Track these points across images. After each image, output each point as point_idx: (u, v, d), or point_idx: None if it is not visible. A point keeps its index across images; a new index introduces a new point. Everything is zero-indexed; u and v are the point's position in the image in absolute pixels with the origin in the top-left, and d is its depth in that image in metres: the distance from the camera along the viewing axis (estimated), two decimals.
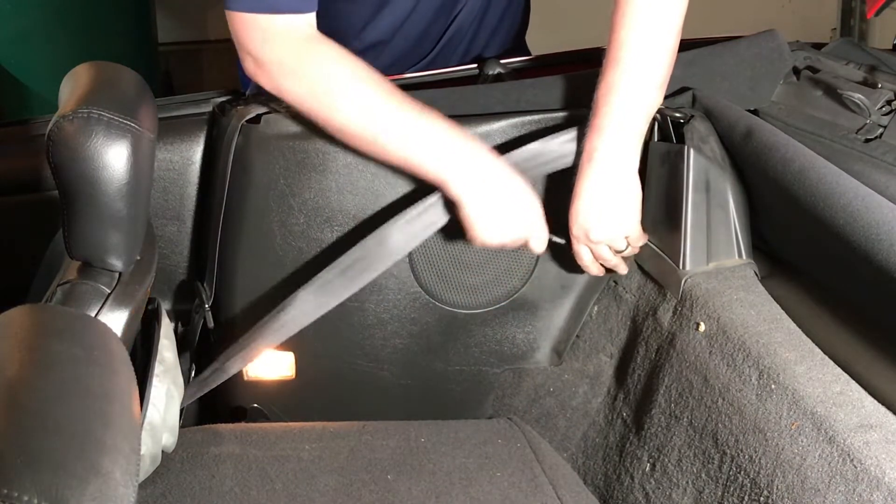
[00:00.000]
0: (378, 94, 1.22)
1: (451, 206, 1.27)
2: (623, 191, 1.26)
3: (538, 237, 1.30)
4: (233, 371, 1.35)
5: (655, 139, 1.36)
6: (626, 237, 1.30)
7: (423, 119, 1.23)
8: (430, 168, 1.23)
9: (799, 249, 1.26)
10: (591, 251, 1.31)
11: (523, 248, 1.30)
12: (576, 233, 1.29)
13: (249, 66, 1.25)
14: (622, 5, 1.23)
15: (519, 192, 1.26)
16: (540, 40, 1.78)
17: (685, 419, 1.20)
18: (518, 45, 1.71)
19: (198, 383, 1.36)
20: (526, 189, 1.27)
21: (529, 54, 1.74)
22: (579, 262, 1.33)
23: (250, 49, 1.23)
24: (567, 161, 1.30)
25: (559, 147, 1.31)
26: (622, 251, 1.31)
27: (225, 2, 1.22)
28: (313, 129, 1.33)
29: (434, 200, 1.28)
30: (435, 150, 1.23)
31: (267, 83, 1.24)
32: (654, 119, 1.33)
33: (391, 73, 1.46)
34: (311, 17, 1.24)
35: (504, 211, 1.26)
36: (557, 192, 1.33)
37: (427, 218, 1.29)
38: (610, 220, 1.27)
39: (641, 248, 1.35)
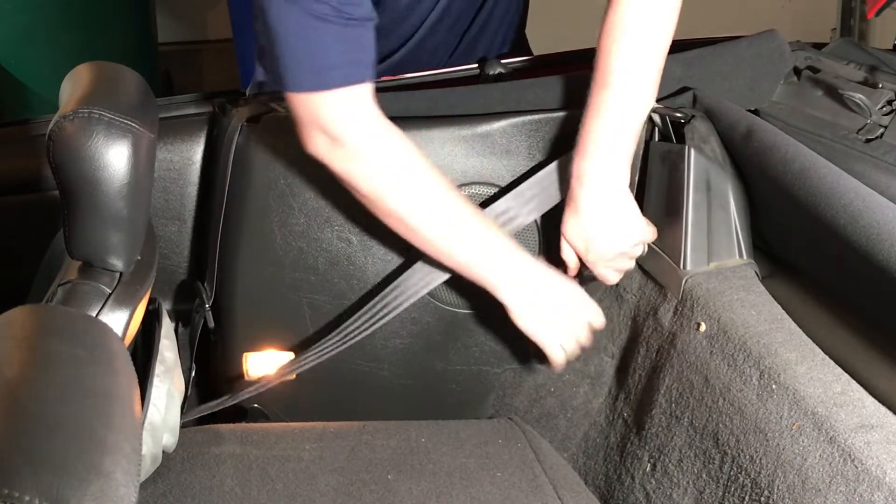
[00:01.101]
0: (448, 199, 1.23)
1: None
2: (621, 206, 1.26)
3: (595, 317, 1.32)
4: (241, 398, 1.38)
5: (656, 139, 1.36)
6: (641, 242, 1.30)
7: (484, 229, 1.24)
8: (487, 277, 1.26)
9: (800, 249, 1.26)
10: (614, 269, 1.31)
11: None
12: (592, 260, 1.28)
13: (322, 147, 1.19)
14: (611, 28, 1.21)
15: (562, 292, 1.29)
16: (540, 40, 1.78)
17: (686, 419, 1.20)
18: (518, 39, 1.71)
19: (207, 407, 1.37)
20: (567, 285, 1.29)
21: (529, 48, 1.74)
22: (608, 283, 1.33)
23: (324, 126, 1.18)
24: (555, 196, 1.32)
25: (550, 180, 1.32)
26: (640, 255, 1.33)
27: (283, 85, 1.17)
28: None
29: None
30: (494, 262, 1.25)
31: (341, 165, 1.20)
32: (654, 119, 1.34)
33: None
34: (367, 88, 1.18)
35: (554, 315, 1.28)
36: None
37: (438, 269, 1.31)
38: (620, 237, 1.27)
39: None
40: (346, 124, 1.18)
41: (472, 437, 1.31)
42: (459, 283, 1.42)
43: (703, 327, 1.21)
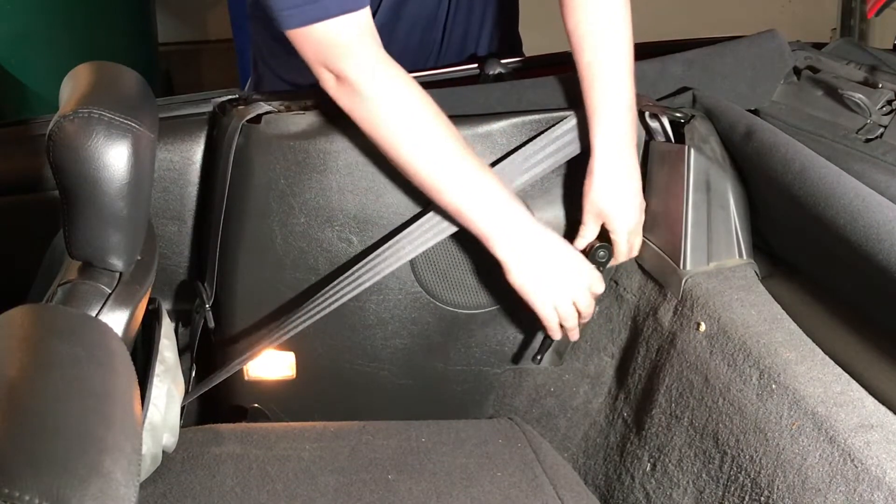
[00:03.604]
0: (444, 138, 1.22)
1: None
2: (635, 171, 1.30)
3: (596, 283, 1.30)
4: (234, 370, 1.36)
5: (655, 139, 1.36)
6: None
7: (480, 173, 1.23)
8: (478, 224, 1.24)
9: (799, 249, 1.26)
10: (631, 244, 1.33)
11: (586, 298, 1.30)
12: (620, 228, 1.30)
13: (329, 84, 1.21)
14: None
15: (560, 252, 1.27)
16: (535, 40, 1.78)
17: (686, 419, 1.20)
18: (511, 36, 1.71)
19: (200, 385, 1.37)
20: (566, 246, 1.28)
21: (521, 43, 1.73)
22: (623, 259, 1.34)
23: (327, 63, 1.19)
24: (573, 149, 1.32)
25: (561, 138, 1.33)
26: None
27: (279, 25, 1.18)
28: (314, 128, 1.33)
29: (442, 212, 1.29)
30: (486, 209, 1.24)
31: (346, 101, 1.21)
32: (655, 118, 1.34)
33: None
34: (366, 14, 1.19)
35: (549, 274, 1.26)
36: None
37: (434, 228, 1.30)
38: (639, 204, 1.31)
39: (642, 247, 1.35)
40: (347, 58, 1.18)
41: (472, 437, 1.31)
42: (460, 283, 1.43)
43: (702, 327, 1.21)
